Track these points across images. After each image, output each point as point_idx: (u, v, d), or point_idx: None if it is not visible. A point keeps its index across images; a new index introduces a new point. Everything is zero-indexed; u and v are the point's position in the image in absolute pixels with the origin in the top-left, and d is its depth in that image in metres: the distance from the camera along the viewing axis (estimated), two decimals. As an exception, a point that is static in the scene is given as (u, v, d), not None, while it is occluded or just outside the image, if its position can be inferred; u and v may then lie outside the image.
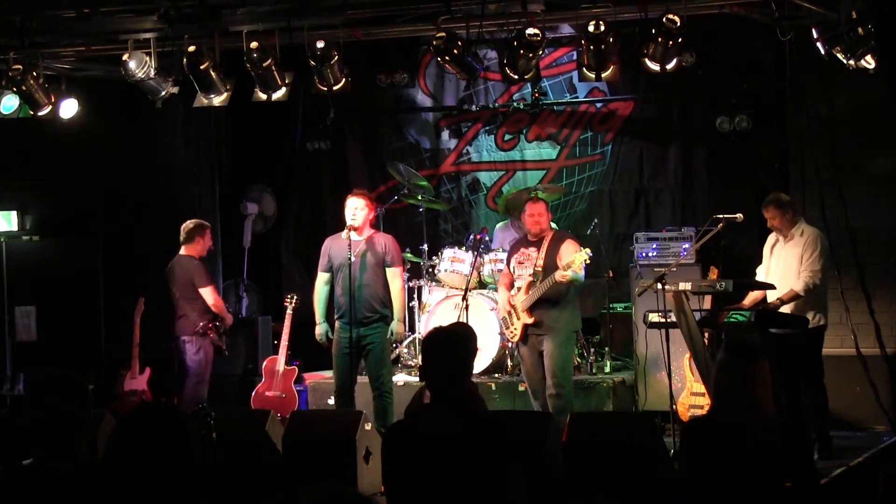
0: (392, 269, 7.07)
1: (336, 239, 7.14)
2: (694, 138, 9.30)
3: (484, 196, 10.00)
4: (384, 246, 7.06)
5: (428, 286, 8.58)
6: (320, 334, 7.15)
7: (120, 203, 9.17)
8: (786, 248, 6.88)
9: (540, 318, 6.82)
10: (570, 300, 6.88)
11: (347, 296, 6.85)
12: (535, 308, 6.83)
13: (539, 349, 6.85)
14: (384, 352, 7.07)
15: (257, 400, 8.05)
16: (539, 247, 6.91)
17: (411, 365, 8.44)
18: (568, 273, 6.53)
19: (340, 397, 7.01)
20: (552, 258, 6.76)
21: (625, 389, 7.91)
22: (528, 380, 6.97)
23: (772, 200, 6.90)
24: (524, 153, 9.84)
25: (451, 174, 10.08)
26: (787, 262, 6.83)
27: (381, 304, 7.01)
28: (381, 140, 10.16)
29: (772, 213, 6.86)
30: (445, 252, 8.39)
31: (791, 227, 6.85)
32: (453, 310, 7.86)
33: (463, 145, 10.03)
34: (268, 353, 8.57)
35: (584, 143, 9.66)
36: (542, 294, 6.74)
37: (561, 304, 6.83)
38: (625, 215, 9.51)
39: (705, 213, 7.81)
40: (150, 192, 9.17)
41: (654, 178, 9.46)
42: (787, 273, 6.78)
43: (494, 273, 8.20)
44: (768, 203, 6.89)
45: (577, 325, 7.00)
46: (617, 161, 9.57)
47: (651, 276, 6.82)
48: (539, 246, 6.91)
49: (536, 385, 6.88)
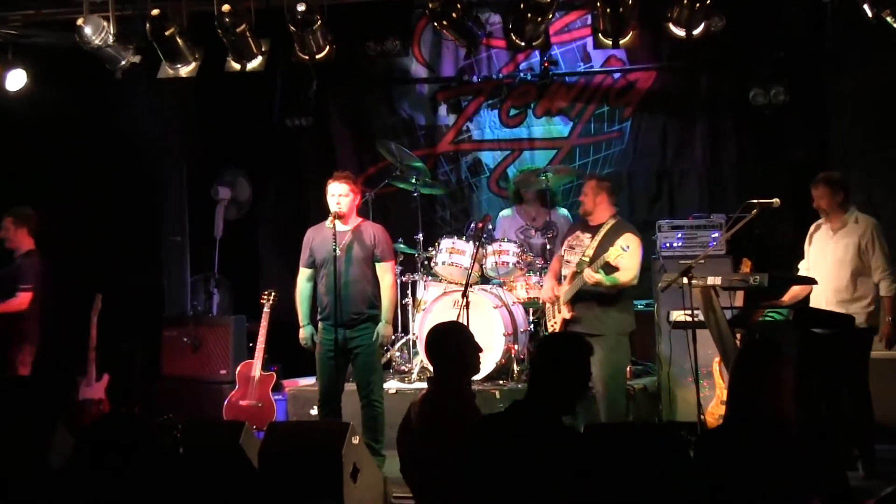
0: (382, 264, 7.04)
1: (319, 229, 7.11)
2: (724, 113, 9.30)
3: (486, 179, 10.00)
4: (373, 236, 7.04)
5: (423, 281, 8.56)
6: (304, 338, 7.11)
7: (74, 187, 9.15)
8: (835, 237, 6.81)
9: (580, 315, 6.77)
10: (618, 297, 6.78)
11: (332, 294, 6.83)
12: (576, 302, 6.78)
13: None
14: (374, 356, 7.05)
15: (230, 410, 8.05)
16: (595, 233, 6.85)
17: (404, 371, 8.42)
18: (597, 275, 6.48)
19: (324, 407, 6.98)
20: (604, 250, 6.59)
21: (646, 398, 7.87)
22: None
23: (823, 177, 6.82)
24: (532, 130, 9.85)
25: (450, 154, 10.08)
26: (838, 254, 6.76)
27: (369, 303, 6.99)
28: (370, 116, 10.14)
29: (821, 191, 6.79)
30: (443, 242, 8.36)
31: (841, 212, 6.77)
32: (452, 308, 7.84)
33: (463, 122, 10.02)
34: (242, 357, 8.52)
35: (599, 119, 9.66)
36: (580, 288, 6.70)
37: (607, 302, 6.75)
38: (646, 200, 9.52)
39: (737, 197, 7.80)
40: (108, 175, 9.15)
41: (679, 158, 9.47)
42: (840, 266, 6.72)
43: (498, 266, 8.21)
44: (818, 180, 6.82)
45: (627, 328, 6.87)
46: (636, 139, 9.58)
47: (675, 269, 6.79)
48: (596, 232, 6.86)
49: None
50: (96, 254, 8.92)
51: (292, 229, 8.74)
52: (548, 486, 3.70)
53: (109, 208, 9.07)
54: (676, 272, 6.53)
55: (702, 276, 6.44)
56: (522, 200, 9.13)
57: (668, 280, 6.64)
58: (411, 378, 8.20)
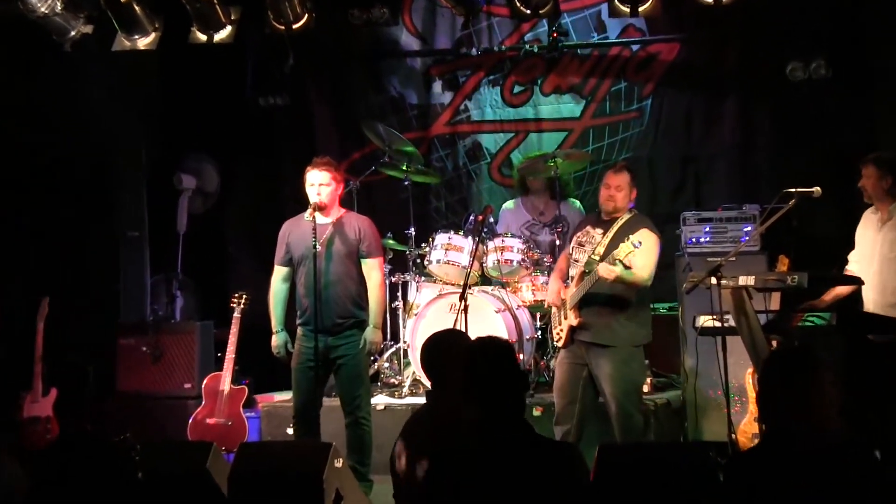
0: (369, 261, 7.04)
1: (297, 222, 7.10)
2: (757, 90, 9.28)
3: (487, 165, 9.97)
4: (358, 230, 7.03)
5: (416, 282, 8.55)
6: (278, 346, 7.12)
7: (17, 174, 9.09)
8: (882, 230, 6.81)
9: (588, 322, 6.74)
10: (634, 304, 6.72)
11: (312, 296, 6.82)
12: (583, 307, 6.74)
13: (582, 362, 6.73)
14: (360, 366, 7.04)
15: (196, 428, 8.07)
16: (608, 229, 6.80)
17: (394, 384, 8.40)
18: (616, 268, 6.47)
19: (302, 425, 6.98)
20: (616, 246, 6.49)
21: (669, 414, 7.86)
22: (558, 397, 6.88)
23: (873, 157, 6.81)
24: (539, 110, 9.81)
25: (445, 137, 10.05)
26: (884, 250, 6.77)
27: (354, 306, 6.99)
28: (355, 94, 10.11)
29: (868, 171, 6.78)
30: (438, 238, 8.34)
31: (889, 201, 6.76)
32: (448, 312, 7.82)
33: (460, 100, 9.99)
34: (209, 368, 8.54)
35: (615, 97, 9.63)
36: (588, 290, 6.66)
37: (620, 308, 6.68)
38: (669, 189, 9.50)
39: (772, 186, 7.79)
40: (55, 163, 9.12)
41: (706, 141, 9.46)
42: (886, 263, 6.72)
43: (501, 265, 8.19)
44: (868, 159, 6.81)
45: (641, 339, 6.82)
46: (658, 120, 9.56)
47: (703, 267, 6.76)
48: (608, 228, 6.80)
49: (565, 407, 6.79)
50: (42, 252, 8.88)
51: (266, 223, 8.69)
52: None
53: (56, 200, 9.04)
54: (704, 271, 6.51)
55: (732, 275, 6.40)
56: (528, 190, 9.11)
57: (694, 280, 6.60)
58: (402, 392, 8.19)
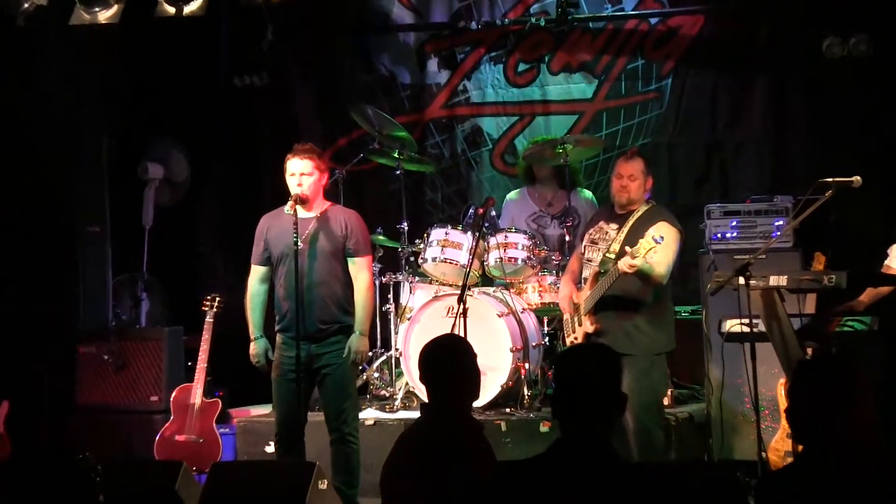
0: (356, 259, 7.01)
1: (276, 217, 7.08)
2: (790, 68, 9.28)
3: (489, 152, 9.98)
4: (345, 225, 7.00)
5: (409, 283, 8.54)
6: (257, 354, 7.08)
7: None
8: None
9: (605, 328, 6.75)
10: (654, 306, 6.75)
11: (293, 298, 6.80)
12: (599, 311, 6.75)
13: None
14: (346, 377, 7.01)
15: (164, 446, 8.06)
16: (623, 223, 6.81)
17: (384, 396, 8.39)
18: (637, 261, 6.43)
19: (284, 443, 6.97)
20: (633, 241, 6.47)
21: (692, 430, 7.89)
22: None
23: None
24: (546, 91, 9.82)
25: (442, 121, 10.06)
26: None
27: (340, 310, 6.97)
28: (341, 73, 10.11)
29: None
30: (434, 233, 8.33)
31: None
32: (445, 316, 7.82)
33: (458, 80, 9.99)
34: (179, 380, 8.53)
35: (632, 76, 9.64)
36: (606, 292, 6.65)
37: (641, 312, 6.70)
38: (691, 179, 9.51)
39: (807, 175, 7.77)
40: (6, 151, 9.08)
41: (733, 126, 9.45)
42: None
43: (504, 263, 8.18)
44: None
45: (663, 346, 6.86)
46: (679, 102, 9.56)
47: (729, 266, 6.76)
48: (623, 222, 6.82)
49: None
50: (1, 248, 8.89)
51: (242, 217, 8.70)
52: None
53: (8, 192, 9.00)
54: (730, 270, 6.50)
55: (762, 274, 6.41)
56: (535, 180, 9.09)
57: (719, 280, 6.58)
58: (394, 406, 8.18)
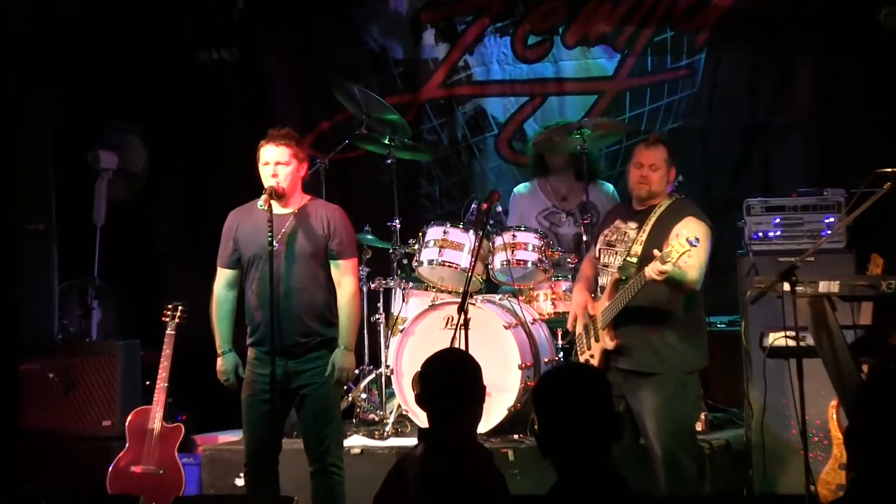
0: (340, 263, 6.98)
1: (248, 213, 7.05)
2: (841, 41, 9.26)
3: (494, 138, 10.02)
4: (327, 223, 6.97)
5: (401, 289, 8.55)
6: (226, 371, 7.05)
7: None
8: None
9: (627, 345, 6.69)
10: (684, 317, 6.71)
11: (267, 308, 6.78)
12: (620, 325, 6.69)
13: (618, 394, 6.58)
14: (328, 399, 6.99)
15: (118, 478, 8.10)
16: (643, 222, 6.78)
17: (373, 420, 8.41)
18: (666, 266, 6.35)
19: (256, 474, 6.96)
20: (657, 242, 6.47)
21: (730, 459, 7.91)
22: None
23: None
24: (560, 67, 9.85)
25: (440, 102, 10.11)
26: None
27: (321, 321, 6.94)
28: (323, 46, 10.16)
29: None
30: (430, 232, 8.33)
31: None
32: (444, 328, 7.86)
33: (459, 55, 10.03)
34: (135, 402, 8.53)
35: (659, 50, 9.68)
36: (629, 302, 6.58)
37: (670, 324, 6.66)
38: (728, 169, 9.57)
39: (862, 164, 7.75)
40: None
41: (776, 107, 9.49)
42: None
43: (511, 267, 8.15)
44: None
45: (695, 363, 6.83)
46: (714, 80, 9.60)
47: (772, 269, 6.76)
48: (644, 220, 6.79)
49: None
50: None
51: (208, 213, 8.70)
52: None
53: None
54: (774, 274, 6.50)
55: (811, 279, 6.42)
56: (547, 170, 9.11)
57: (761, 286, 6.57)
58: (384, 432, 8.19)
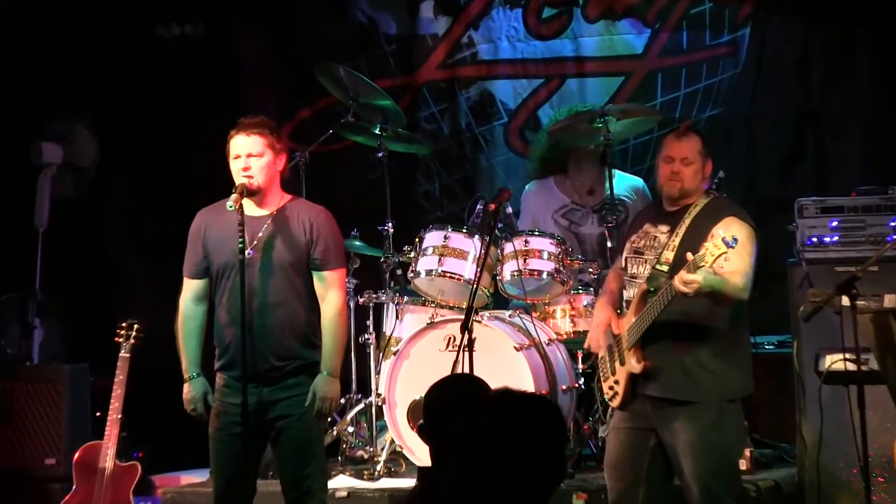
0: (325, 274, 6.91)
1: (216, 214, 6.96)
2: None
3: (503, 127, 10.08)
4: (309, 227, 6.90)
5: (395, 304, 8.56)
6: (193, 399, 6.97)
7: None
8: None
9: (658, 367, 6.64)
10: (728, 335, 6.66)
11: (239, 325, 6.72)
12: (649, 343, 6.65)
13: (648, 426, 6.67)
14: (310, 433, 6.92)
15: (65, 523, 8.16)
16: (676, 224, 6.74)
17: (362, 458, 8.43)
18: (696, 276, 6.32)
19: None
20: (693, 247, 6.41)
21: (779, 502, 7.95)
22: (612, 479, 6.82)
23: None
24: (581, 44, 9.90)
25: (440, 85, 10.18)
26: None
27: (302, 341, 6.87)
28: (304, 21, 10.20)
29: None
30: (429, 238, 8.34)
31: None
32: (444, 350, 7.91)
33: (462, 29, 10.09)
34: (85, 436, 8.62)
35: (696, 25, 9.72)
36: (657, 317, 6.53)
37: (707, 342, 6.62)
38: (776, 163, 9.62)
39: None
40: None
41: (832, 91, 9.51)
42: None
43: (524, 278, 8.15)
44: None
45: (738, 390, 6.78)
46: (760, 59, 9.65)
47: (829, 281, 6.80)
48: (677, 222, 6.75)
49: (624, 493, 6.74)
50: None
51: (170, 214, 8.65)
52: None
53: None
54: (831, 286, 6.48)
55: (875, 293, 6.43)
56: (565, 164, 9.07)
57: (816, 301, 6.55)
58: (374, 472, 8.18)
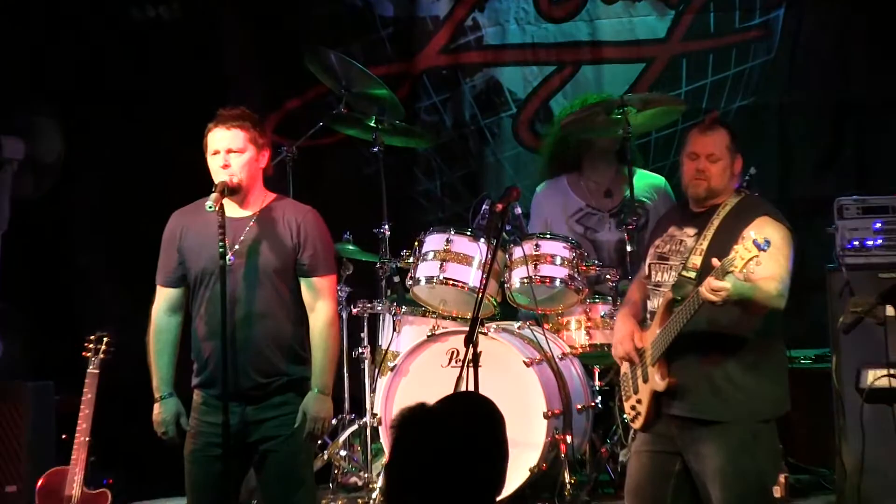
0: (314, 281, 6.91)
1: (194, 215, 6.95)
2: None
3: (512, 119, 10.10)
4: (297, 230, 6.89)
5: (392, 315, 8.55)
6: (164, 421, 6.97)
7: None
8: None
9: (685, 384, 6.63)
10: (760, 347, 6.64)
11: (219, 339, 6.70)
12: (675, 357, 6.62)
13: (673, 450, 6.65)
14: (297, 457, 6.92)
15: (29, 556, 8.23)
16: (704, 226, 6.74)
17: (355, 486, 8.43)
18: (724, 282, 6.28)
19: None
20: (722, 251, 6.40)
21: (816, 532, 8.03)
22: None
23: None
24: (597, 27, 9.94)
25: (442, 73, 10.21)
26: None
27: (290, 356, 6.86)
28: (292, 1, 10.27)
29: None
30: (430, 241, 8.38)
31: None
32: (446, 365, 7.93)
33: (466, 11, 10.11)
34: (49, 461, 8.65)
35: (724, 5, 9.75)
36: (683, 328, 6.50)
37: (738, 356, 6.59)
38: (813, 159, 9.65)
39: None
40: None
41: (876, 80, 9.51)
42: None
43: (535, 286, 8.16)
44: None
45: (772, 409, 6.76)
46: (794, 45, 9.65)
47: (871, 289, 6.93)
48: (704, 224, 6.74)
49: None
50: None
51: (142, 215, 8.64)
52: None
53: None
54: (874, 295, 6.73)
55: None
56: (580, 160, 9.07)
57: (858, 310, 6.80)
58: (368, 500, 8.27)
